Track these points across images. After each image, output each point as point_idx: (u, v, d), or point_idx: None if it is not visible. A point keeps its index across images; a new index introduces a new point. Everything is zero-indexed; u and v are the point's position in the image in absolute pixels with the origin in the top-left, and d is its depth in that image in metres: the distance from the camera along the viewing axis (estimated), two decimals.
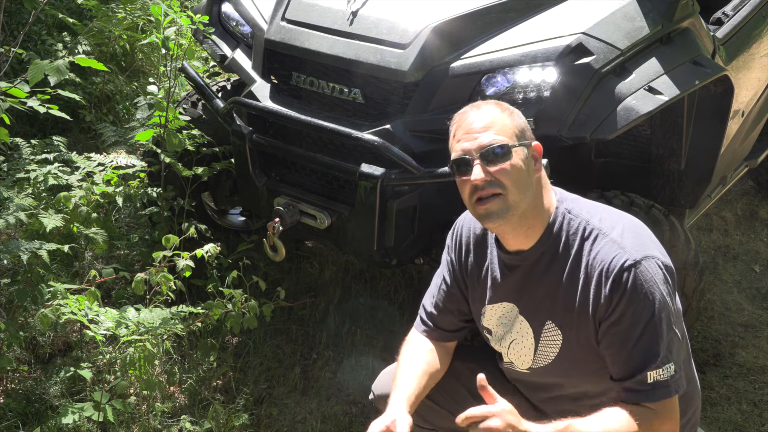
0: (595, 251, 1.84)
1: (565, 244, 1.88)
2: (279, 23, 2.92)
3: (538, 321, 1.95)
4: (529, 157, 1.88)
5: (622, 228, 1.86)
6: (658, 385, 1.79)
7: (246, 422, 2.82)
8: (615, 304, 1.80)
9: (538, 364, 2.00)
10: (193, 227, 3.03)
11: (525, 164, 1.86)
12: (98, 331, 2.48)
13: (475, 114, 1.89)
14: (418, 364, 2.08)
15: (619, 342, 1.82)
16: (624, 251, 1.80)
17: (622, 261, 1.79)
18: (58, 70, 2.56)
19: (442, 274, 2.16)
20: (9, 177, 3.02)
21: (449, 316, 2.16)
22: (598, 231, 1.85)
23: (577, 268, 1.86)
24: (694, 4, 2.90)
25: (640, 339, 1.79)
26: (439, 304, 2.16)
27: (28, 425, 2.65)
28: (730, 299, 3.83)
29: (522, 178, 1.85)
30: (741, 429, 3.03)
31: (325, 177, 2.90)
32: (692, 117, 3.00)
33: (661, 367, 1.79)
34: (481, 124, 1.86)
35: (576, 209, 1.91)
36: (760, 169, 4.45)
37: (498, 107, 1.91)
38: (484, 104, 1.93)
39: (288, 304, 3.35)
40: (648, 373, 1.79)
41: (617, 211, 1.95)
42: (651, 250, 1.83)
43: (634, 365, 1.80)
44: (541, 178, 1.91)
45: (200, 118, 3.37)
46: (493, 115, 1.88)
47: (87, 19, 4.86)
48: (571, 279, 1.87)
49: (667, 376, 1.80)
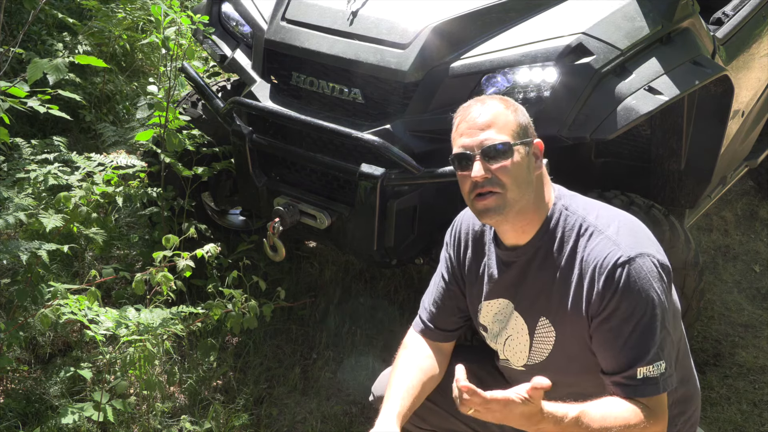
0: (590, 248, 1.84)
1: (560, 240, 1.88)
2: (279, 23, 2.92)
3: (533, 317, 1.96)
4: (531, 155, 1.88)
5: (618, 225, 1.86)
6: (648, 381, 1.80)
7: (246, 422, 2.82)
8: (608, 300, 1.80)
9: (533, 361, 2.01)
10: (193, 227, 3.03)
11: (526, 162, 1.86)
12: (98, 331, 2.48)
13: (478, 109, 1.88)
14: (414, 374, 2.06)
15: (610, 338, 1.82)
16: (618, 248, 1.80)
17: (616, 257, 1.79)
18: (57, 69, 2.56)
19: (441, 271, 2.16)
20: (9, 177, 3.02)
21: (448, 315, 2.16)
22: (594, 228, 1.85)
23: (572, 264, 1.86)
24: (694, 4, 2.90)
25: (632, 335, 1.79)
26: (437, 302, 2.16)
27: (28, 425, 2.65)
28: (730, 299, 3.83)
29: (522, 176, 1.85)
30: (741, 429, 3.03)
31: (325, 177, 2.90)
32: (692, 117, 3.00)
33: (651, 364, 1.79)
34: (483, 120, 1.85)
35: (573, 206, 1.91)
36: (760, 169, 4.45)
37: (503, 103, 1.90)
38: (488, 99, 1.92)
39: (288, 304, 3.35)
40: (638, 369, 1.79)
41: (614, 208, 1.96)
42: (646, 248, 1.83)
43: (624, 360, 1.81)
44: (542, 175, 1.91)
45: (200, 118, 3.37)
46: (497, 111, 1.87)
47: (87, 18, 4.86)
48: (566, 275, 1.87)
49: (657, 373, 1.80)
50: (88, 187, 2.97)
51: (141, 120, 3.76)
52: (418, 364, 2.10)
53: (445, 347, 2.19)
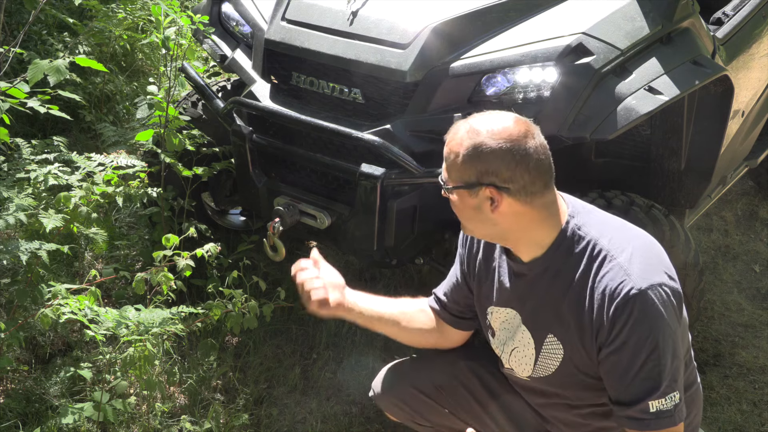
0: (601, 275, 1.80)
1: (571, 261, 1.85)
2: (279, 23, 2.92)
3: (540, 333, 1.94)
4: (482, 199, 1.80)
5: (632, 251, 1.81)
6: (662, 414, 1.78)
7: (246, 422, 2.82)
8: (617, 332, 1.77)
9: (538, 374, 2.00)
10: (193, 227, 3.03)
11: (472, 204, 1.82)
12: (98, 331, 2.48)
13: (453, 134, 1.84)
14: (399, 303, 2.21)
15: (619, 370, 1.80)
16: (629, 278, 1.76)
17: (627, 289, 1.75)
18: (57, 70, 2.56)
19: (456, 268, 2.17)
20: (9, 177, 3.02)
21: (457, 306, 2.18)
22: (606, 252, 1.81)
23: (583, 288, 1.83)
24: (694, 4, 2.90)
25: (642, 369, 1.77)
26: (449, 295, 2.18)
27: (28, 425, 2.65)
28: (730, 299, 3.83)
29: (467, 214, 1.85)
30: (741, 429, 3.03)
31: (325, 177, 2.90)
32: (692, 117, 3.00)
33: (664, 396, 1.77)
34: (447, 149, 1.84)
35: (587, 226, 1.86)
36: (760, 169, 4.45)
37: (475, 138, 1.78)
38: (469, 126, 1.82)
39: (288, 304, 3.35)
40: (650, 402, 1.77)
41: (630, 227, 1.91)
42: (658, 277, 1.79)
43: (634, 393, 1.79)
44: (516, 213, 1.80)
45: (200, 118, 3.37)
46: (455, 147, 1.81)
47: (87, 19, 4.86)
48: (576, 298, 1.84)
49: (670, 405, 1.78)
50: (88, 187, 2.96)
51: (141, 120, 3.76)
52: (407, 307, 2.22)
53: (446, 329, 2.21)
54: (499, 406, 2.20)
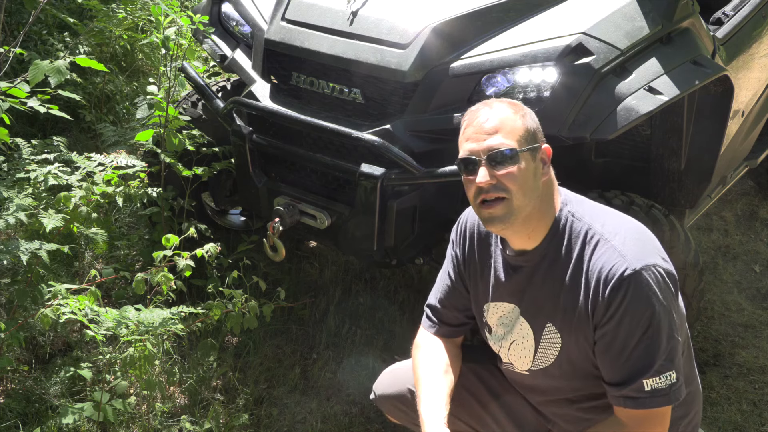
0: (596, 257, 1.82)
1: (567, 247, 1.87)
2: (279, 23, 2.92)
3: (539, 323, 1.95)
4: (538, 161, 1.85)
5: (625, 234, 1.84)
6: (657, 393, 1.79)
7: (246, 422, 2.82)
8: (612, 312, 1.78)
9: (537, 366, 2.00)
10: (193, 227, 3.03)
11: (532, 169, 1.83)
12: (98, 331, 2.48)
13: (486, 113, 1.86)
14: (443, 377, 2.05)
15: (614, 349, 1.81)
16: (624, 259, 1.78)
17: (622, 269, 1.77)
18: (58, 71, 2.55)
19: (447, 269, 2.16)
20: (9, 177, 3.02)
21: (454, 312, 2.16)
22: (600, 236, 1.84)
23: (579, 273, 1.85)
24: (694, 4, 2.90)
25: (636, 348, 1.78)
26: (443, 300, 2.16)
27: (28, 425, 2.65)
28: (730, 299, 3.83)
29: (528, 182, 1.82)
30: (741, 429, 3.03)
31: (325, 177, 2.90)
32: (692, 117, 3.00)
33: (659, 375, 1.78)
34: (491, 125, 1.83)
35: (580, 212, 1.89)
36: (760, 169, 4.45)
37: (511, 107, 1.88)
38: (497, 103, 1.89)
39: (288, 304, 3.35)
40: (644, 381, 1.78)
41: (621, 214, 1.94)
42: (652, 258, 1.81)
43: (629, 372, 1.80)
44: (549, 181, 1.89)
45: (200, 118, 3.37)
46: (504, 116, 1.85)
47: (87, 19, 4.86)
48: (572, 284, 1.86)
49: (666, 384, 1.79)
50: (88, 187, 2.97)
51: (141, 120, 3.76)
52: (442, 364, 2.09)
53: (456, 341, 2.20)
54: (500, 406, 2.20)
